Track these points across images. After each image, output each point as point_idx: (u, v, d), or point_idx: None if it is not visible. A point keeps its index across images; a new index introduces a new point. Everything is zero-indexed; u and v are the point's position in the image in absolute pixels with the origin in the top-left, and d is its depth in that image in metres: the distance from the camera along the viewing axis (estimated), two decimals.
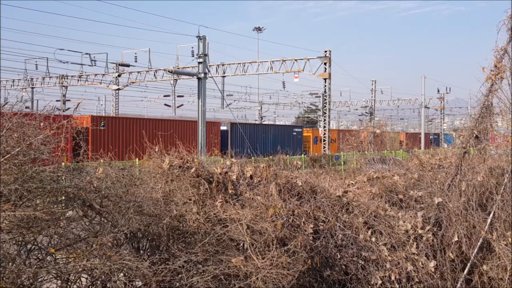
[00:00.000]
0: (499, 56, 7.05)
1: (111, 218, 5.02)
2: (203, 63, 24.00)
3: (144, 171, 6.27)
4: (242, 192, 6.11)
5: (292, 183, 6.52)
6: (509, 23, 7.05)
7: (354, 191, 7.09)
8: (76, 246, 4.57)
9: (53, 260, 4.49)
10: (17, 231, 4.21)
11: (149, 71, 36.87)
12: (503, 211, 6.69)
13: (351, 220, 6.42)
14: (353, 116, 76.55)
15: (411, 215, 6.72)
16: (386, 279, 6.10)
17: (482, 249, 6.66)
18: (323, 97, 34.37)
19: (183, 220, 5.52)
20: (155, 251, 5.31)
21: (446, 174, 7.75)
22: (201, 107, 23.99)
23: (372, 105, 50.21)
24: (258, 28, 64.70)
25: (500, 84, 7.12)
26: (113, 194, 5.08)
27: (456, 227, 6.59)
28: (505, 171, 7.04)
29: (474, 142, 7.18)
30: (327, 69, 32.92)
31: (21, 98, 36.82)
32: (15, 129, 4.53)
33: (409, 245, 6.38)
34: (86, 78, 40.59)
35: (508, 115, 7.18)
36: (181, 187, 5.81)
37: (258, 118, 60.27)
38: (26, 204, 4.32)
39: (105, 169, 5.51)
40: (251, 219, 5.49)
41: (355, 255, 6.17)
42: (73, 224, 4.91)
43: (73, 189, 4.69)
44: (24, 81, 43.10)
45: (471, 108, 40.72)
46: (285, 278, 5.04)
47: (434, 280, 6.27)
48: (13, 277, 3.89)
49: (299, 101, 57.19)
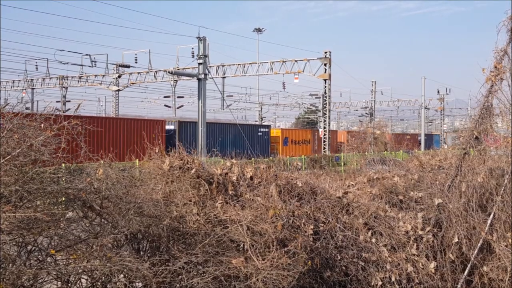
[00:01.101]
0: (499, 57, 7.06)
1: (111, 219, 5.02)
2: (203, 64, 24.02)
3: (144, 172, 6.27)
4: (242, 193, 6.12)
5: (292, 184, 6.52)
6: (509, 24, 7.05)
7: (354, 192, 7.09)
8: (76, 247, 4.57)
9: (53, 261, 4.49)
10: (17, 232, 4.21)
11: (149, 72, 36.93)
12: (503, 212, 6.69)
13: (351, 221, 6.42)
14: (353, 117, 76.62)
15: (411, 216, 6.72)
16: (386, 280, 6.10)
17: (482, 250, 6.66)
18: (323, 98, 34.38)
19: (183, 221, 5.52)
20: (155, 252, 5.31)
21: (446, 175, 7.75)
22: (201, 108, 24.00)
23: (372, 106, 50.23)
24: (258, 29, 64.80)
25: (500, 85, 7.13)
26: (113, 195, 5.08)
27: (456, 228, 6.59)
28: (505, 172, 7.04)
29: (474, 143, 7.18)
30: (327, 70, 32.94)
31: (22, 99, 36.68)
32: (16, 130, 4.52)
33: (409, 246, 6.38)
34: (86, 79, 40.65)
35: (508, 116, 7.18)
36: (181, 188, 5.81)
37: (258, 119, 60.29)
38: (27, 205, 4.32)
39: (105, 170, 5.51)
40: (251, 220, 5.49)
41: (355, 256, 6.17)
42: (73, 225, 4.91)
43: (73, 190, 4.69)
44: (24, 82, 43.15)
45: (471, 109, 40.73)
46: (285, 279, 5.04)
47: (434, 281, 6.27)
48: (14, 278, 3.89)
49: (299, 102, 57.24)
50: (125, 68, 36.95)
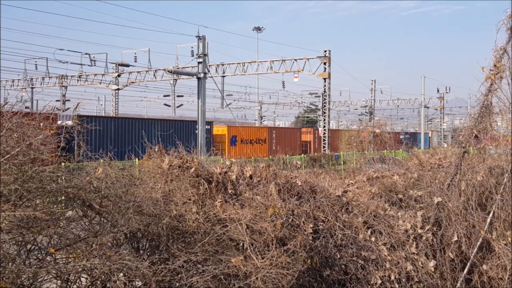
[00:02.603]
0: (499, 55, 7.06)
1: (110, 218, 5.02)
2: (203, 63, 24.02)
3: (143, 171, 6.27)
4: (241, 192, 6.12)
5: (291, 183, 6.52)
6: (509, 23, 7.05)
7: (354, 191, 7.09)
8: (76, 246, 4.57)
9: (53, 260, 4.49)
10: (17, 231, 4.22)
11: (149, 71, 36.91)
12: (502, 210, 6.70)
13: (351, 219, 6.42)
14: (352, 115, 76.63)
15: (411, 215, 6.73)
16: (385, 278, 6.10)
17: (481, 249, 6.66)
18: (322, 97, 34.37)
19: (182, 220, 5.52)
20: (154, 251, 5.31)
21: (445, 174, 7.75)
22: (201, 107, 24.01)
23: (372, 104, 50.25)
24: (257, 28, 64.77)
25: (500, 83, 7.12)
26: (112, 194, 5.08)
27: (456, 226, 6.60)
28: (504, 171, 7.04)
29: (474, 142, 7.18)
30: (327, 68, 32.94)
31: (21, 98, 36.80)
32: (15, 129, 4.53)
33: (409, 244, 6.39)
34: (86, 78, 40.64)
35: (507, 114, 7.18)
36: (180, 187, 5.81)
37: (258, 118, 60.29)
38: (26, 204, 4.32)
39: (104, 169, 5.51)
40: (251, 219, 5.50)
41: (355, 255, 6.17)
42: (72, 224, 4.91)
43: (72, 189, 4.69)
44: (24, 81, 43.13)
45: (470, 108, 40.68)
46: (284, 278, 5.04)
47: (433, 280, 6.27)
48: (13, 277, 3.89)
49: (298, 101, 57.28)
50: (124, 67, 36.90)
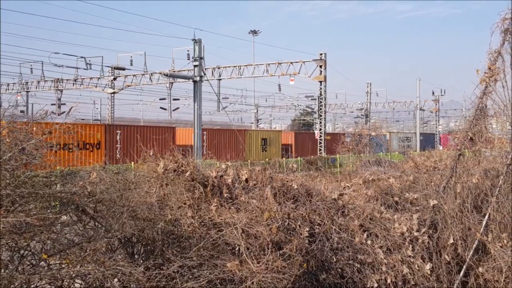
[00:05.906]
0: (493, 58, 7.08)
1: (105, 223, 4.98)
2: (199, 66, 24.00)
3: (138, 175, 6.23)
4: (237, 195, 6.09)
5: (287, 186, 6.50)
6: (503, 26, 7.08)
7: (350, 194, 7.07)
8: (70, 251, 4.53)
9: (46, 266, 4.44)
10: (9, 237, 4.17)
11: (145, 74, 36.80)
12: (498, 213, 6.70)
13: (347, 223, 6.40)
14: (348, 118, 76.71)
15: (407, 218, 6.72)
16: (382, 282, 6.08)
17: (477, 251, 6.66)
18: (318, 100, 34.40)
19: (177, 224, 5.49)
20: (149, 256, 5.27)
21: (441, 176, 7.76)
22: (197, 110, 23.97)
23: (368, 107, 50.34)
24: (253, 31, 64.81)
25: (494, 86, 7.14)
26: (107, 199, 5.04)
27: (452, 229, 6.59)
28: (499, 173, 7.05)
29: (469, 144, 7.19)
30: (323, 71, 32.97)
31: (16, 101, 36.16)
32: (7, 134, 4.49)
33: (405, 247, 6.37)
34: (81, 82, 40.47)
35: (502, 117, 7.20)
36: (175, 191, 5.78)
37: (254, 121, 60.27)
38: (19, 210, 4.28)
39: (99, 173, 5.47)
40: (246, 223, 5.47)
41: (351, 258, 6.15)
42: (66, 229, 4.87)
43: (66, 194, 4.65)
44: (19, 85, 42.91)
45: (465, 110, 40.84)
46: (280, 282, 5.02)
47: (430, 283, 6.26)
48: (6, 284, 3.85)
49: (295, 103, 57.28)
50: (120, 70, 36.79)
